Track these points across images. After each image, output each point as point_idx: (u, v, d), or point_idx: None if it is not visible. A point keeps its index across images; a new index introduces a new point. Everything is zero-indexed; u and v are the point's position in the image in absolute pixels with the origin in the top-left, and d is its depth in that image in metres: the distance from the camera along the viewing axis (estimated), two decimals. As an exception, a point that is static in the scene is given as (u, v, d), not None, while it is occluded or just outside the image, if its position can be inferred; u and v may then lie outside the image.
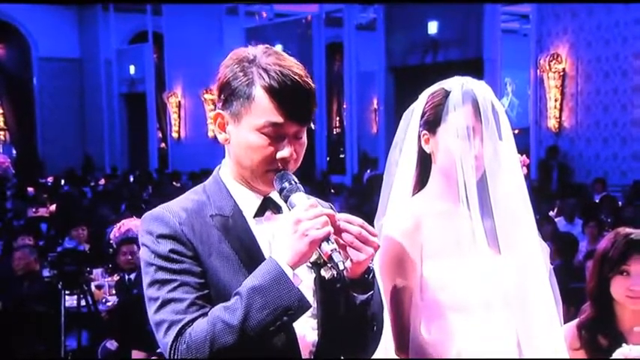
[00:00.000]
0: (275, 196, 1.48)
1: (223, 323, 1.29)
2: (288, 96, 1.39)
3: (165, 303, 1.35)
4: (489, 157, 1.76)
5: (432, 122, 1.80)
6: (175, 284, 1.36)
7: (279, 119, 1.39)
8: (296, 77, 1.39)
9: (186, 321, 1.32)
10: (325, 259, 1.34)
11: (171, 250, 1.38)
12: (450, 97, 1.77)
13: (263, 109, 1.39)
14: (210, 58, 15.10)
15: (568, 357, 1.88)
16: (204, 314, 1.33)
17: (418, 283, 1.76)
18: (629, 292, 2.02)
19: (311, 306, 1.35)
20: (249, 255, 1.42)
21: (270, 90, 1.39)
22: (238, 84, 1.41)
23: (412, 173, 1.88)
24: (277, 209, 1.49)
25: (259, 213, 1.48)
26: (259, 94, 1.39)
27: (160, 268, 1.38)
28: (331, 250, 1.32)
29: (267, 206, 1.48)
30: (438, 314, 1.76)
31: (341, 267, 1.33)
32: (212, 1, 13.95)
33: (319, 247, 1.33)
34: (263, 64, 1.41)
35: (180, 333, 1.32)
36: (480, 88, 1.78)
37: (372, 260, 1.43)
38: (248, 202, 1.47)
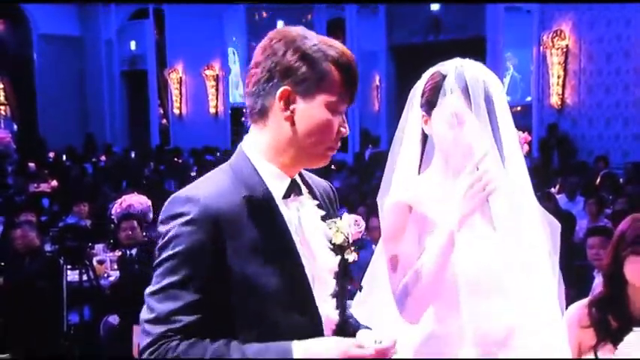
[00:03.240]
0: (298, 178, 1.51)
1: None
2: (353, 73, 1.44)
3: (161, 293, 1.34)
4: (480, 142, 1.74)
5: (429, 104, 1.81)
6: (180, 278, 1.34)
7: (347, 96, 1.44)
8: (351, 57, 1.45)
9: (167, 328, 1.32)
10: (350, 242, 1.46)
11: (197, 241, 1.35)
12: (445, 80, 1.77)
13: (336, 86, 1.42)
14: (211, 34, 15.04)
15: (566, 339, 1.85)
16: (182, 322, 1.32)
17: (417, 255, 1.77)
18: None
19: None
20: (279, 239, 1.42)
21: (341, 67, 1.42)
22: (312, 61, 1.40)
23: (416, 152, 1.89)
24: (300, 192, 1.50)
25: (286, 195, 1.47)
26: (333, 70, 1.41)
27: (177, 257, 1.35)
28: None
29: (293, 188, 1.48)
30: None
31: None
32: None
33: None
34: (324, 42, 1.43)
35: (163, 337, 1.32)
36: (476, 71, 1.77)
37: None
38: (276, 183, 1.45)
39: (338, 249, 1.49)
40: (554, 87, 10.41)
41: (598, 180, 7.91)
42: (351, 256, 1.50)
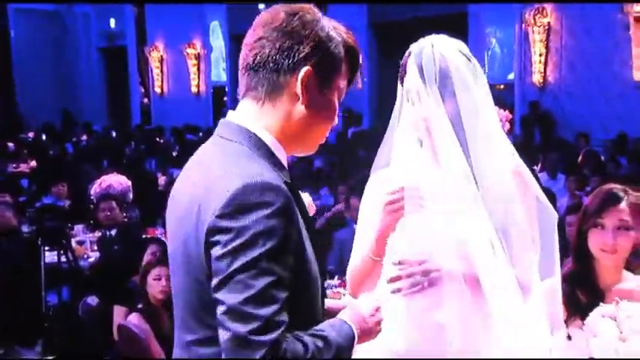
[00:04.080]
0: None
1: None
2: (359, 58, 1.45)
3: (261, 297, 1.22)
4: (436, 121, 1.75)
5: (401, 81, 1.84)
6: (276, 278, 1.24)
7: (350, 81, 1.45)
8: (356, 41, 1.45)
9: (280, 330, 1.23)
10: None
11: (288, 233, 1.27)
12: (408, 59, 1.79)
13: (347, 71, 1.43)
14: (192, 11, 14.84)
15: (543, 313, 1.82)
16: (286, 324, 1.25)
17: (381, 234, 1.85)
18: (603, 245, 2.00)
19: None
20: (307, 222, 1.41)
21: (353, 52, 1.43)
22: (334, 45, 1.38)
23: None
24: None
25: None
26: (346, 55, 1.41)
27: (270, 255, 1.24)
28: None
29: None
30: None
31: None
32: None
33: None
34: (334, 25, 1.42)
35: (278, 342, 1.23)
36: (438, 49, 1.76)
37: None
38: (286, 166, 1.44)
39: None
40: (536, 65, 10.41)
41: (580, 158, 7.96)
42: None
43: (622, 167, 7.54)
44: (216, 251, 1.25)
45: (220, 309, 1.23)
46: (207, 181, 1.31)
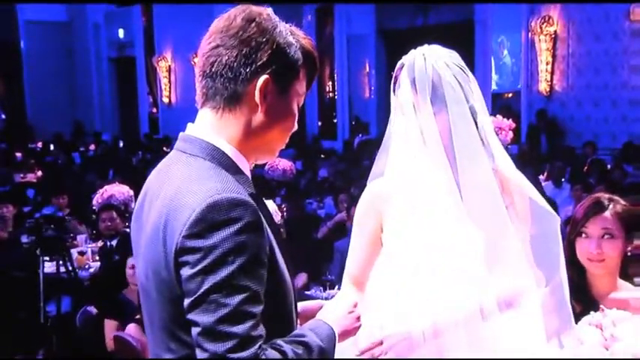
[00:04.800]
0: None
1: None
2: (317, 64, 1.43)
3: (235, 315, 1.21)
4: (430, 129, 1.76)
5: (393, 91, 1.85)
6: (249, 294, 1.22)
7: (308, 87, 1.43)
8: (314, 46, 1.42)
9: (258, 345, 1.22)
10: None
11: (258, 247, 1.25)
12: (401, 71, 1.81)
13: (304, 79, 1.40)
14: (200, 20, 14.92)
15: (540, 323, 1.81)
16: (262, 336, 1.25)
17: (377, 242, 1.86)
18: (587, 254, 1.98)
19: None
20: (275, 232, 1.38)
21: (310, 58, 1.40)
22: (292, 51, 1.36)
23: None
24: None
25: None
26: (303, 61, 1.38)
27: (242, 271, 1.22)
28: None
29: None
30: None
31: None
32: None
33: None
34: (291, 30, 1.38)
35: (256, 356, 1.22)
36: (431, 61, 1.76)
37: None
38: (249, 176, 1.41)
39: None
40: (542, 73, 10.39)
41: (586, 167, 7.92)
42: None
43: (629, 175, 7.48)
44: (186, 272, 1.23)
45: (195, 330, 1.22)
46: (172, 200, 1.29)
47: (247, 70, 1.32)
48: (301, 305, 1.56)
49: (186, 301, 1.23)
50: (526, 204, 1.82)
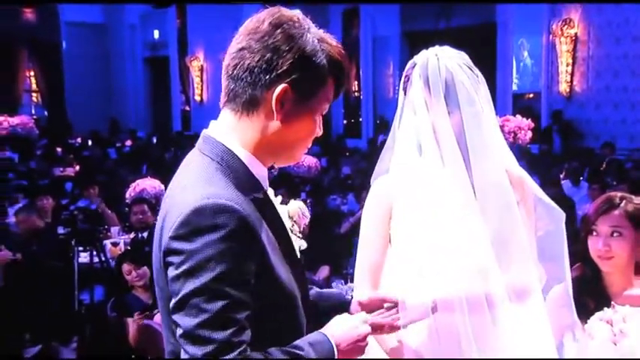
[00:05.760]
0: None
1: None
2: (347, 74, 1.39)
3: (216, 321, 1.21)
4: (443, 127, 1.77)
5: (404, 91, 1.85)
6: (231, 301, 1.22)
7: (335, 96, 1.40)
8: (345, 55, 1.38)
9: (238, 351, 1.21)
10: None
11: (244, 256, 1.24)
12: (413, 70, 1.80)
13: (331, 90, 1.37)
14: (231, 21, 15.26)
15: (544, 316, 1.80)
16: (248, 342, 1.24)
17: (387, 238, 1.85)
18: (596, 251, 1.99)
19: None
20: (284, 237, 1.40)
21: (339, 68, 1.36)
22: (315, 63, 1.32)
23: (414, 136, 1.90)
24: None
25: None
26: (329, 70, 1.34)
27: (223, 278, 1.21)
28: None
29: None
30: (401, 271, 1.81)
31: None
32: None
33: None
34: (321, 38, 1.35)
35: None
36: (443, 61, 1.76)
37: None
38: (263, 179, 1.38)
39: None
40: (562, 75, 10.46)
41: (603, 166, 7.93)
42: (297, 243, 1.48)
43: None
44: (171, 272, 1.25)
45: (178, 331, 1.23)
46: (171, 199, 1.32)
47: (267, 76, 1.30)
48: (327, 292, 1.64)
49: (172, 301, 1.25)
50: (531, 201, 1.84)
